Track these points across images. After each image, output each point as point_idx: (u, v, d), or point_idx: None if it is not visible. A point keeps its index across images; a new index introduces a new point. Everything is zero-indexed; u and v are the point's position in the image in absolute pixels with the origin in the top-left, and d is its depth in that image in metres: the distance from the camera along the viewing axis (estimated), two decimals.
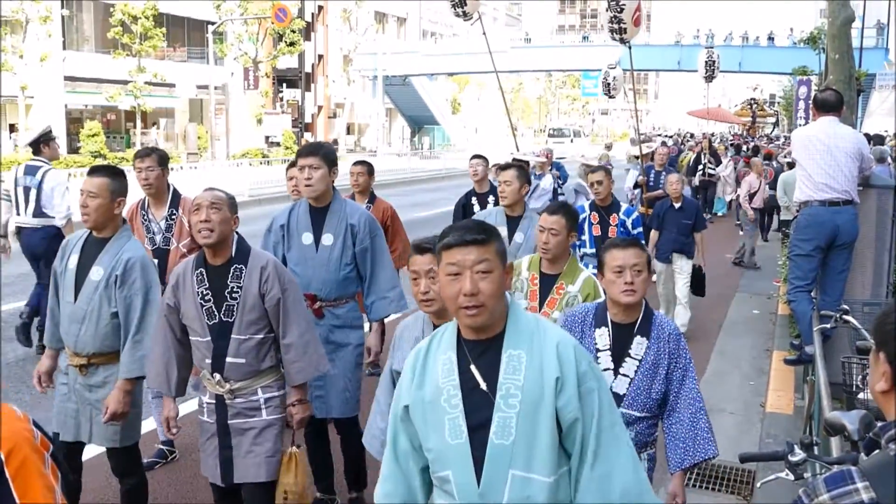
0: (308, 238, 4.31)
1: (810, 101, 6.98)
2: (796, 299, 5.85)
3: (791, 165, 11.32)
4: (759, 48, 45.22)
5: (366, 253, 4.33)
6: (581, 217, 6.19)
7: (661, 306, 8.21)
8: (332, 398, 4.26)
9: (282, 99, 45.56)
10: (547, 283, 3.94)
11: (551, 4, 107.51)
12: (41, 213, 7.11)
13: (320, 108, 48.76)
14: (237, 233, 3.51)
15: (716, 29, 46.98)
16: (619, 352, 3.08)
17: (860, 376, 3.80)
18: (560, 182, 11.12)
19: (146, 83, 32.35)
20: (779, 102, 56.82)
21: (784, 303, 7.69)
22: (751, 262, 12.50)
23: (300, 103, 46.38)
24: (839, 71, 8.41)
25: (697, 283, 8.21)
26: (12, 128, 31.57)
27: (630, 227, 6.45)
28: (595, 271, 6.03)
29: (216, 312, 3.41)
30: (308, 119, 47.26)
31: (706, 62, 17.68)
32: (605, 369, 3.03)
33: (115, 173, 3.84)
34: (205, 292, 3.41)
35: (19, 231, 7.30)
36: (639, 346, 3.06)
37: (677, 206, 8.21)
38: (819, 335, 4.79)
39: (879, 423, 1.49)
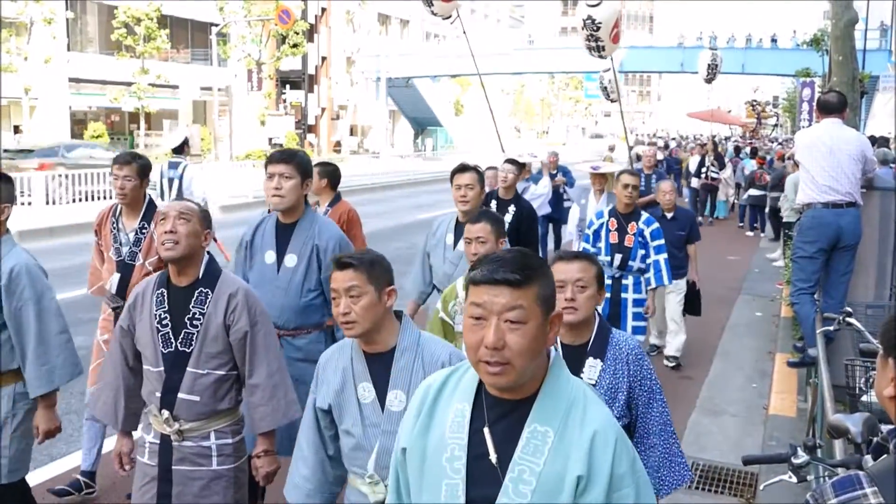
0: (270, 257, 3.89)
1: (814, 103, 6.98)
2: (799, 301, 5.85)
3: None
4: (762, 50, 45.15)
5: None
6: (599, 222, 6.17)
7: (653, 331, 7.56)
8: (283, 441, 3.44)
9: (285, 101, 45.58)
10: None
11: (554, 6, 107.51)
12: (181, 198, 7.84)
13: (323, 109, 48.78)
14: (209, 253, 3.15)
15: (718, 31, 46.91)
16: None
17: (863, 379, 3.80)
18: (566, 186, 11.00)
19: (150, 85, 32.40)
20: (782, 104, 56.79)
21: (787, 305, 7.70)
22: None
23: (303, 105, 46.41)
24: (842, 73, 8.40)
25: (692, 302, 7.53)
26: (17, 129, 31.61)
27: (648, 237, 6.06)
28: (609, 282, 5.85)
29: (172, 340, 2.99)
30: (311, 121, 47.30)
31: (708, 64, 17.59)
32: None
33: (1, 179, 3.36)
34: (163, 315, 3.00)
35: None
36: (591, 369, 2.75)
37: (670, 216, 7.44)
38: (822, 337, 4.78)
39: (886, 427, 1.49)
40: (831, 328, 4.71)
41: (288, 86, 45.88)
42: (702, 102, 22.71)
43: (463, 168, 4.94)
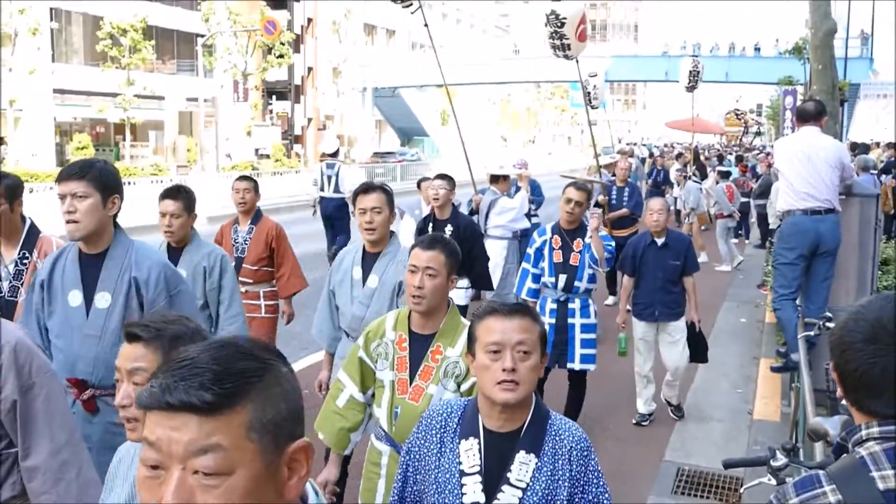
0: (76, 298, 3.10)
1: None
2: (781, 307, 5.93)
3: None
4: (745, 58, 45.54)
5: None
6: (541, 240, 5.64)
7: (638, 385, 6.25)
8: None
9: (271, 111, 45.59)
10: (419, 347, 2.95)
11: (540, 16, 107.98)
12: (338, 189, 11.72)
13: (310, 120, 48.79)
14: None
15: (702, 40, 47.29)
16: (494, 476, 2.12)
17: None
18: (534, 207, 9.93)
19: (135, 96, 32.34)
20: (766, 112, 57.26)
21: (771, 311, 7.77)
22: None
23: (290, 115, 46.42)
24: (822, 81, 8.53)
25: (695, 346, 6.19)
26: (0, 140, 31.52)
27: (590, 261, 5.56)
28: (554, 306, 5.54)
29: None
30: (298, 131, 47.31)
31: (690, 71, 17.64)
32: (472, 503, 2.11)
33: None
34: None
35: (321, 201, 11.96)
36: (523, 467, 2.11)
37: (660, 241, 6.03)
38: (804, 342, 4.85)
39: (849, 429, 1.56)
40: (812, 333, 4.79)
41: (274, 96, 45.90)
42: (686, 111, 22.81)
43: (367, 188, 4.02)
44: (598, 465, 2.17)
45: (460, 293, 6.49)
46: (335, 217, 11.87)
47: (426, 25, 8.97)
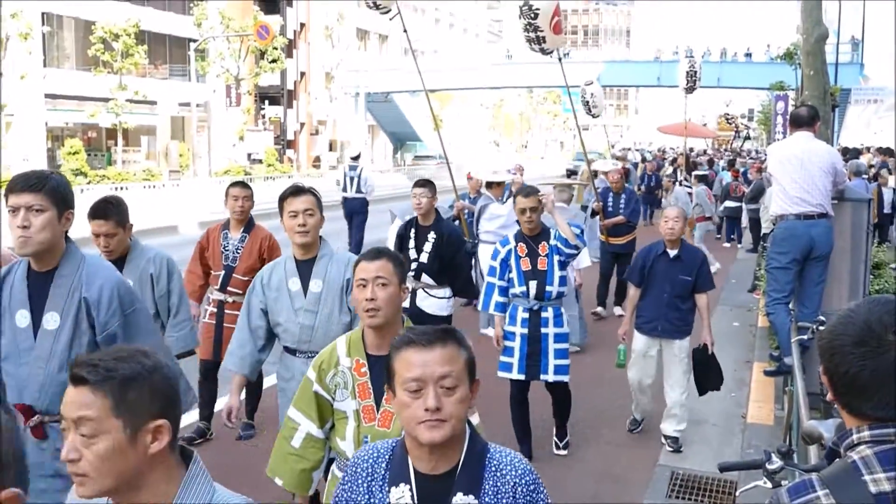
0: (24, 318, 2.89)
1: (787, 116, 7.09)
2: (774, 311, 5.95)
3: None
4: (737, 64, 45.74)
5: (117, 339, 2.90)
6: (505, 250, 5.42)
7: (633, 399, 6.00)
8: None
9: (264, 116, 45.58)
10: (380, 369, 2.66)
11: None
12: (359, 190, 13.08)
13: (302, 125, 48.79)
14: None
15: (694, 45, 47.50)
16: None
17: None
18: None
19: (127, 101, 32.28)
20: (758, 117, 57.52)
21: (764, 315, 7.79)
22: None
23: (282, 120, 46.41)
24: (814, 87, 8.57)
25: (704, 373, 5.70)
26: None
27: (563, 246, 5.32)
28: (526, 315, 5.33)
29: None
30: (290, 136, 47.29)
31: (687, 72, 17.63)
32: None
33: None
34: None
35: (344, 200, 13.37)
36: None
37: (673, 253, 5.65)
38: (797, 346, 4.87)
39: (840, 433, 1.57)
40: (805, 337, 4.81)
41: (267, 101, 45.89)
42: (679, 116, 22.86)
43: (297, 191, 3.81)
44: (547, 498, 2.00)
45: (442, 303, 6.31)
46: (357, 213, 13.43)
47: (405, 31, 9.02)
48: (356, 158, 13.91)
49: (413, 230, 6.32)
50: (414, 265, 6.16)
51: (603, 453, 5.65)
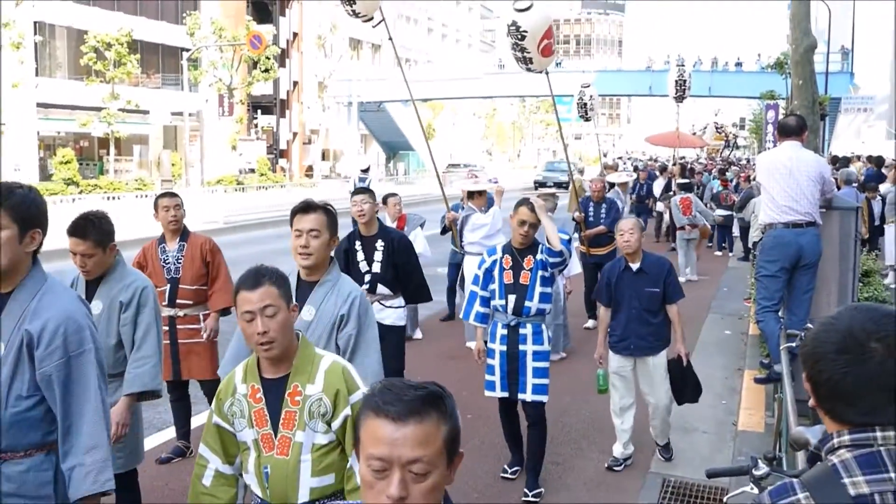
0: None
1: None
2: (764, 319, 5.99)
3: None
4: (727, 73, 46.04)
5: (52, 382, 2.59)
6: (491, 260, 5.24)
7: (615, 422, 5.67)
8: None
9: (256, 125, 45.60)
10: (275, 393, 2.61)
11: None
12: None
13: (295, 134, 48.82)
14: None
15: (685, 55, 47.74)
16: None
17: None
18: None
19: (120, 110, 32.26)
20: (749, 126, 57.85)
21: (754, 323, 7.84)
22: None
23: (275, 130, 46.43)
24: (803, 96, 8.65)
25: (681, 386, 5.47)
26: None
27: (547, 256, 5.12)
28: (505, 332, 5.10)
29: None
30: (283, 146, 47.31)
31: (676, 81, 17.64)
32: None
33: None
34: None
35: None
36: None
37: (635, 266, 5.42)
38: (786, 353, 4.91)
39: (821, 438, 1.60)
40: (795, 344, 4.85)
41: (259, 110, 45.90)
42: (670, 125, 22.91)
43: (306, 207, 3.49)
44: None
45: (397, 313, 5.97)
46: None
47: (391, 39, 8.93)
48: (366, 171, 14.61)
49: (358, 242, 5.94)
50: (367, 278, 5.82)
51: (595, 461, 5.67)
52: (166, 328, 5.30)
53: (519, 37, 7.77)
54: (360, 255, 5.90)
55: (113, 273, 3.92)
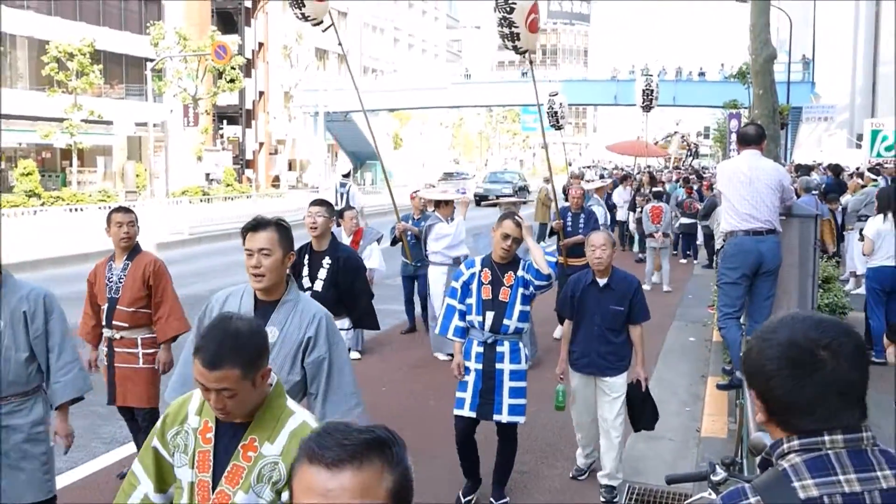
0: None
1: None
2: (726, 326, 6.06)
3: None
4: (691, 83, 46.63)
5: None
6: (469, 272, 5.03)
7: (577, 435, 5.55)
8: None
9: (222, 136, 45.27)
10: (228, 439, 2.30)
11: (491, 41, 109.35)
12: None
13: (261, 144, 48.55)
14: None
15: (650, 64, 48.29)
16: None
17: None
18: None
19: (82, 121, 31.86)
20: (713, 135, 58.63)
21: (717, 330, 7.92)
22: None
23: (241, 140, 46.13)
24: (763, 106, 8.77)
25: (639, 412, 5.23)
26: None
27: (533, 278, 4.91)
28: (481, 349, 4.88)
29: None
30: (249, 156, 47.02)
31: (644, 90, 17.80)
32: None
33: None
34: None
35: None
36: None
37: (602, 282, 5.14)
38: None
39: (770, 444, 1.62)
40: None
41: (225, 121, 45.60)
42: (636, 134, 23.17)
43: (256, 225, 3.25)
44: None
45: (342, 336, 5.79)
46: None
47: (340, 44, 8.96)
48: (347, 176, 15.00)
49: (307, 256, 5.70)
50: (307, 294, 5.62)
51: (560, 468, 5.68)
52: (105, 349, 5.21)
53: (507, 9, 7.60)
54: (306, 271, 5.75)
55: (3, 288, 3.74)
